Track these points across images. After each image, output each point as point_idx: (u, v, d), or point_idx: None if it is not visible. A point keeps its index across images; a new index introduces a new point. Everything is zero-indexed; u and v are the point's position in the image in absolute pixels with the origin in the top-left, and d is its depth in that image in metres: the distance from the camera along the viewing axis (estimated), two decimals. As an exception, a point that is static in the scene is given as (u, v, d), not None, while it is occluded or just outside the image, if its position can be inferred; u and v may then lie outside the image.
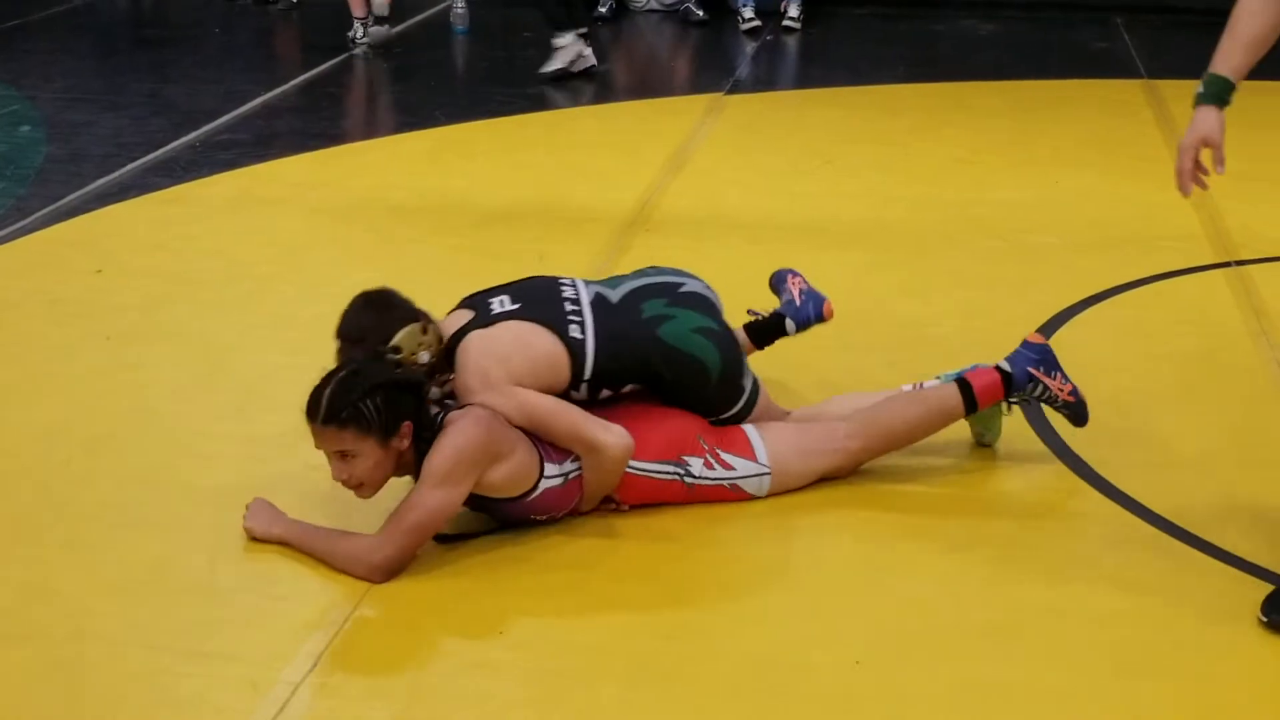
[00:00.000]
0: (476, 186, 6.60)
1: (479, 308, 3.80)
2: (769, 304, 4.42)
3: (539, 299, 3.80)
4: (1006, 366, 3.92)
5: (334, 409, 3.46)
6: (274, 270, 5.56)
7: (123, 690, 3.12)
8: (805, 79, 9.37)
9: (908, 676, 3.17)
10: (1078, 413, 3.99)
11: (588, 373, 3.76)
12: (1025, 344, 3.97)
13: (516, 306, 3.76)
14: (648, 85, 9.15)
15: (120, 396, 4.48)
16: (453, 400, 3.72)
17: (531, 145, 7.40)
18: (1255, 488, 4.00)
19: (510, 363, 3.66)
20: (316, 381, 3.53)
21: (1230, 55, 3.18)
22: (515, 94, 8.29)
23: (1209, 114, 3.17)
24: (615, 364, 3.78)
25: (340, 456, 3.50)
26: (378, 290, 3.77)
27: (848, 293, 5.34)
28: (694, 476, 3.76)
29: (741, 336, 4.20)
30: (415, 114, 8.14)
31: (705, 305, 3.91)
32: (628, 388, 3.85)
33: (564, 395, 3.76)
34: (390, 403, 3.47)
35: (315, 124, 7.82)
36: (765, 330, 4.31)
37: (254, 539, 3.62)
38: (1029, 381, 3.91)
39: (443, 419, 3.56)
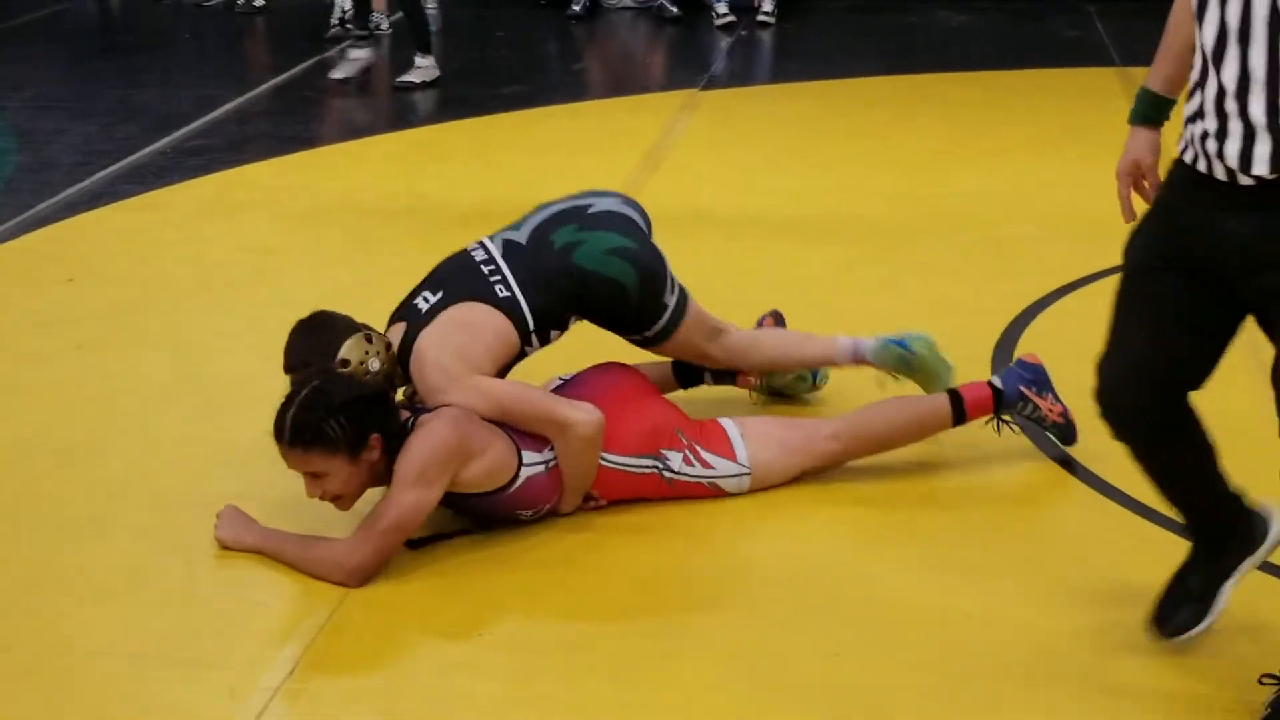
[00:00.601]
0: (450, 188, 6.58)
1: (408, 314, 3.78)
2: (745, 304, 4.41)
3: (457, 278, 3.80)
4: (998, 383, 3.89)
5: (298, 431, 3.42)
6: (247, 275, 5.53)
7: (102, 699, 3.09)
8: (780, 73, 9.35)
9: (887, 667, 3.16)
10: (1066, 433, 3.95)
11: (531, 324, 3.76)
12: (1019, 362, 3.95)
13: (440, 295, 3.75)
14: (622, 82, 9.13)
15: (93, 405, 4.45)
16: (422, 405, 3.70)
17: (505, 145, 7.37)
18: (1232, 473, 3.99)
19: (465, 352, 3.65)
20: (280, 401, 3.49)
21: (1161, 67, 3.01)
22: (488, 94, 8.26)
23: (1138, 135, 3.02)
24: (548, 303, 3.78)
25: (311, 476, 3.48)
26: (312, 315, 3.73)
27: (826, 287, 5.34)
28: (673, 472, 3.74)
29: (666, 371, 4.17)
30: (388, 115, 8.11)
31: (619, 222, 3.88)
32: (573, 322, 3.88)
33: (520, 354, 3.77)
34: (355, 418, 3.43)
35: (288, 127, 7.78)
36: (689, 373, 4.23)
37: (225, 548, 3.60)
38: (1019, 400, 3.89)
39: (413, 423, 3.54)
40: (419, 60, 8.37)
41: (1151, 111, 3.00)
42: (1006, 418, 3.94)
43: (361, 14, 9.37)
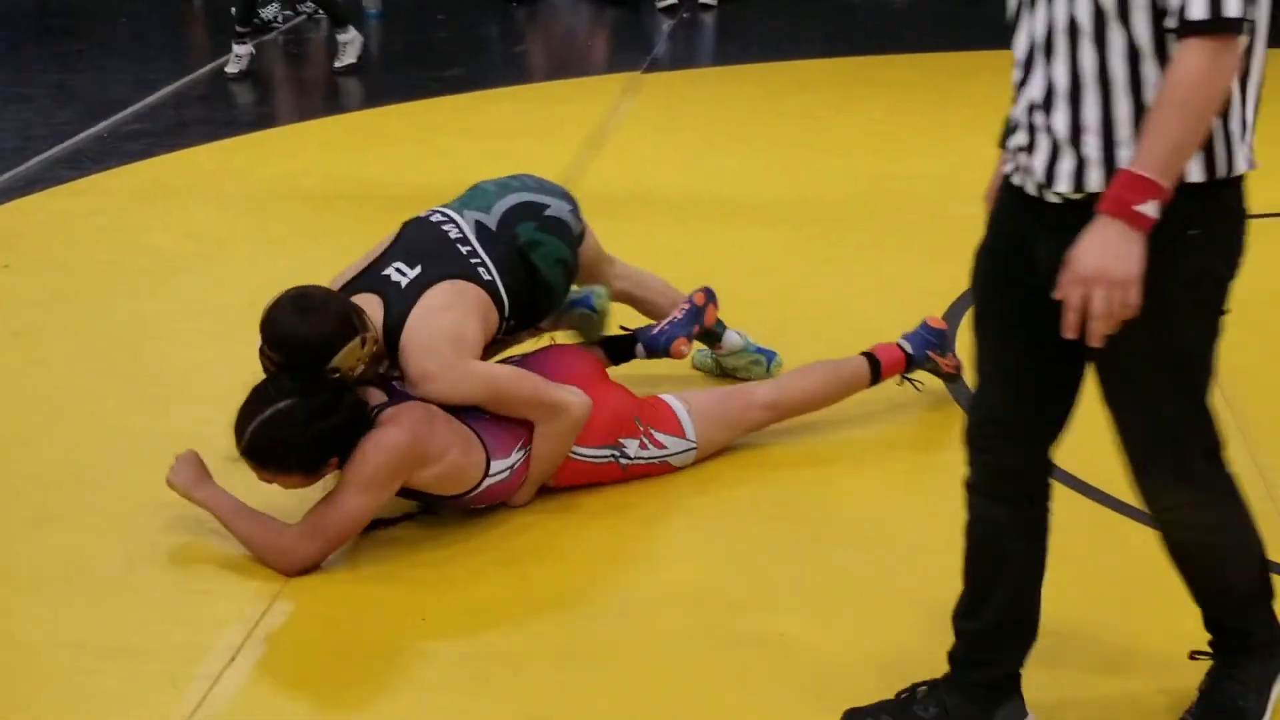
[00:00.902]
0: (392, 171, 6.54)
1: (381, 286, 3.62)
2: (689, 286, 4.41)
3: (435, 252, 3.69)
4: (908, 346, 4.16)
5: (256, 450, 3.35)
6: (186, 261, 5.48)
7: (40, 690, 3.05)
8: (723, 56, 9.35)
9: (835, 646, 3.16)
10: (955, 381, 4.21)
11: (507, 310, 3.72)
12: (926, 326, 4.21)
13: (418, 270, 3.63)
14: (565, 66, 9.11)
15: (32, 393, 4.39)
16: (400, 385, 3.58)
17: (447, 128, 7.33)
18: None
19: (457, 334, 3.55)
20: (247, 396, 3.37)
21: None
22: (430, 77, 8.22)
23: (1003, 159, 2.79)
24: (514, 289, 3.73)
25: (265, 479, 3.44)
26: (303, 293, 3.48)
27: (769, 268, 5.34)
28: (629, 458, 3.75)
29: (599, 352, 4.16)
30: (329, 99, 8.06)
31: (567, 233, 3.88)
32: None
33: (491, 340, 3.73)
34: (318, 447, 3.35)
35: (227, 111, 7.72)
36: (620, 348, 4.22)
37: (173, 490, 3.51)
38: (926, 360, 4.18)
39: (378, 414, 3.46)
40: (341, 36, 8.28)
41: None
42: (913, 376, 4.20)
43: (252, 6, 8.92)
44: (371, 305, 3.59)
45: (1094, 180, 2.40)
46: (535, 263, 3.79)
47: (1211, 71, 2.29)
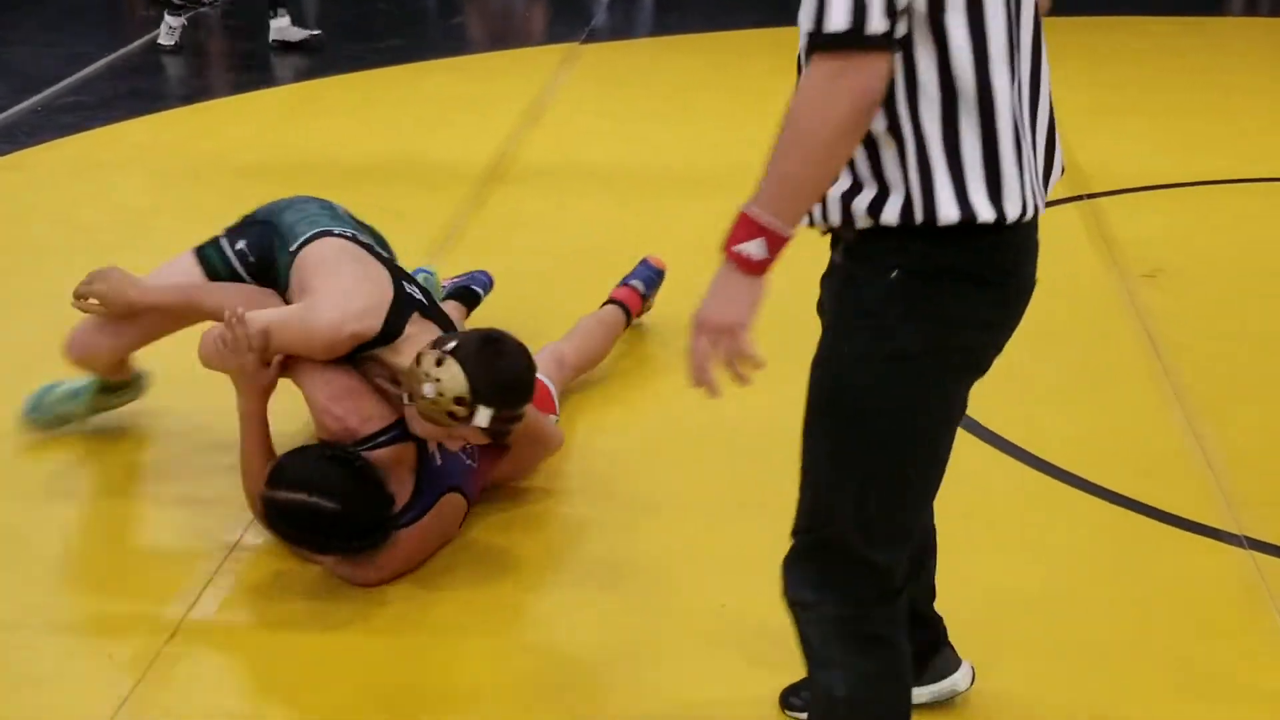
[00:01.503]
0: (329, 144, 6.49)
1: (421, 309, 3.44)
2: (627, 259, 4.42)
3: (401, 272, 3.56)
4: (642, 289, 4.41)
5: (272, 510, 3.18)
6: (119, 236, 5.43)
7: (-26, 671, 3.04)
8: (661, 27, 9.33)
9: (775, 617, 3.17)
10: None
11: None
12: (648, 265, 4.46)
13: (418, 290, 3.50)
14: (503, 37, 9.07)
15: (-36, 370, 4.35)
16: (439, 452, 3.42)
17: (384, 101, 7.29)
18: (1111, 416, 4.08)
19: None
20: (320, 451, 3.25)
21: None
22: (367, 49, 8.17)
23: None
24: None
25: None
26: (497, 335, 3.31)
27: (708, 239, 5.31)
28: None
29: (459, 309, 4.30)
30: (265, 72, 7.99)
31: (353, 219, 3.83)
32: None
33: None
34: (319, 552, 3.26)
35: (162, 84, 7.64)
36: (470, 296, 4.38)
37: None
38: (650, 298, 4.45)
39: (424, 504, 3.32)
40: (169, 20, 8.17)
41: None
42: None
43: None
44: (433, 332, 3.40)
45: None
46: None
47: (827, 95, 1.94)
